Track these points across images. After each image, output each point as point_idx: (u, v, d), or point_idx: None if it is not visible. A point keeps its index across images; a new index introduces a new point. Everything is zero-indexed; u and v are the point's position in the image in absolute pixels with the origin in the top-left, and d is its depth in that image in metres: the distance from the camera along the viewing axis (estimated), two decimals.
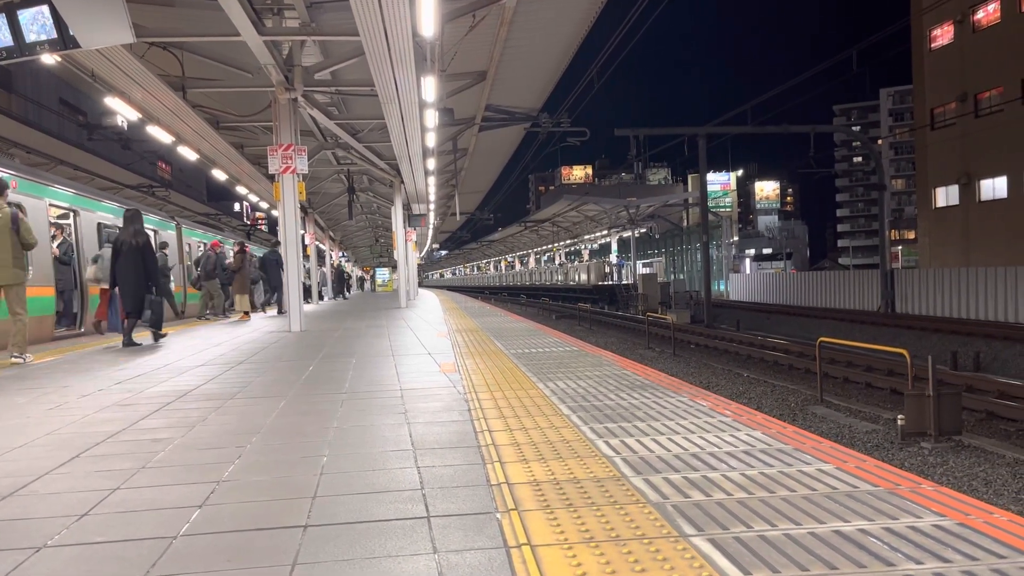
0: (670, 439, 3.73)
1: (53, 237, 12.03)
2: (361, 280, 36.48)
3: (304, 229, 23.39)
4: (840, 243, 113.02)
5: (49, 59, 9.87)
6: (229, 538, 2.51)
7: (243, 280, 16.89)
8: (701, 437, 3.76)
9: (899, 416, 8.32)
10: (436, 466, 3.35)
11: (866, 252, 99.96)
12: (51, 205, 11.96)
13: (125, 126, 21.38)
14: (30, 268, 10.18)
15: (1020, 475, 6.98)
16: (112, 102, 12.72)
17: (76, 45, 6.44)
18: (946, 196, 33.55)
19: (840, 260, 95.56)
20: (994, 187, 30.79)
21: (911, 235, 74.49)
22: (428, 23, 9.59)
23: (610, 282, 41.70)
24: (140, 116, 13.72)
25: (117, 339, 10.36)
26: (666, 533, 2.41)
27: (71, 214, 12.73)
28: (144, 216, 16.37)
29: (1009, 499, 6.38)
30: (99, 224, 13.53)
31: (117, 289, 10.24)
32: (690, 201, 45.98)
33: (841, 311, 26.66)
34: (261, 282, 19.61)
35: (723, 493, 2.83)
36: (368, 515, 2.70)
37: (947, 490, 2.84)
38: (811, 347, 13.80)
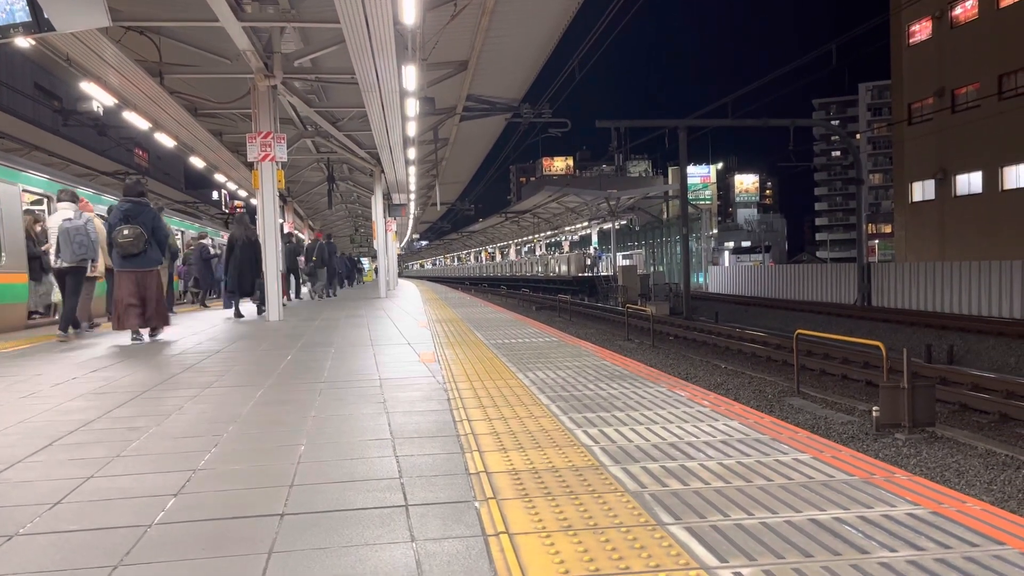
0: (648, 429, 3.74)
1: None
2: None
3: (283, 218, 23.22)
4: (818, 236, 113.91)
5: (23, 43, 9.72)
6: (205, 526, 2.49)
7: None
8: (679, 427, 3.78)
9: (874, 408, 8.41)
10: (415, 455, 3.34)
11: (843, 246, 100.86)
12: (24, 191, 11.79)
13: (101, 112, 21.09)
14: (3, 255, 10.24)
15: (992, 466, 7.09)
16: (88, 87, 12.55)
17: (51, 28, 6.33)
18: (922, 191, 33.88)
19: (818, 253, 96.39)
20: (969, 182, 31.13)
21: (888, 229, 75.28)
22: (409, 11, 9.54)
23: (590, 274, 41.78)
24: (116, 102, 13.55)
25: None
26: (644, 521, 2.42)
27: (45, 200, 12.56)
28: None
29: (981, 489, 6.48)
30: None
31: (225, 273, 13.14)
32: (670, 193, 46.11)
33: (818, 304, 26.90)
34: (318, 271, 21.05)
35: (700, 482, 2.84)
36: (346, 504, 2.69)
37: (921, 479, 2.87)
38: (788, 339, 13.91)
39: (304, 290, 22.61)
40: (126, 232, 8.43)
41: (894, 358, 9.20)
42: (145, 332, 8.90)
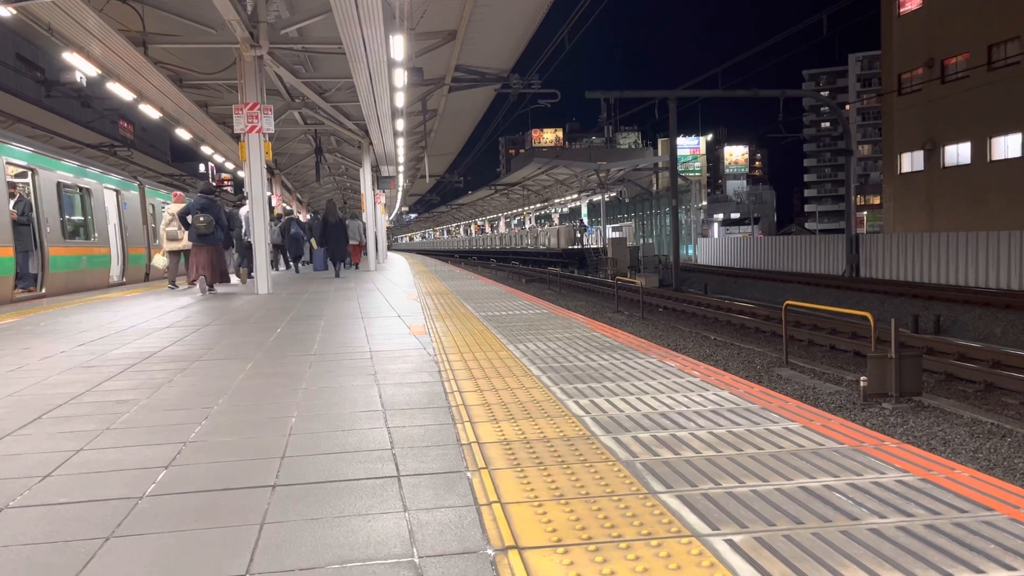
0: (639, 399, 3.75)
1: (11, 196, 11.74)
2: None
3: (271, 190, 23.04)
4: (807, 208, 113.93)
5: (3, 12, 9.54)
6: (196, 498, 2.48)
7: None
8: (670, 397, 3.79)
9: (862, 378, 8.47)
10: (406, 426, 3.34)
11: (832, 217, 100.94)
12: (8, 163, 11.64)
13: (84, 83, 20.79)
14: None
15: (977, 434, 7.16)
16: (71, 57, 12.33)
17: None
18: (911, 162, 33.91)
19: (807, 225, 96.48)
20: (958, 153, 31.16)
21: (876, 200, 75.40)
22: None
23: (579, 246, 41.78)
24: (100, 72, 13.33)
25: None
26: (635, 490, 2.43)
27: (29, 173, 12.41)
28: (109, 177, 16.10)
29: (967, 458, 6.55)
30: (58, 183, 13.21)
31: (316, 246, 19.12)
32: (660, 165, 46.01)
33: (807, 275, 27.00)
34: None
35: (691, 451, 2.86)
36: (338, 475, 2.69)
37: (910, 447, 2.89)
38: (777, 310, 13.97)
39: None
40: (201, 219, 11.70)
41: (882, 328, 9.26)
42: (212, 287, 12.23)
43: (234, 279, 15.26)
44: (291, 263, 21.25)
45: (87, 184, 14.68)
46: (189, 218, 11.96)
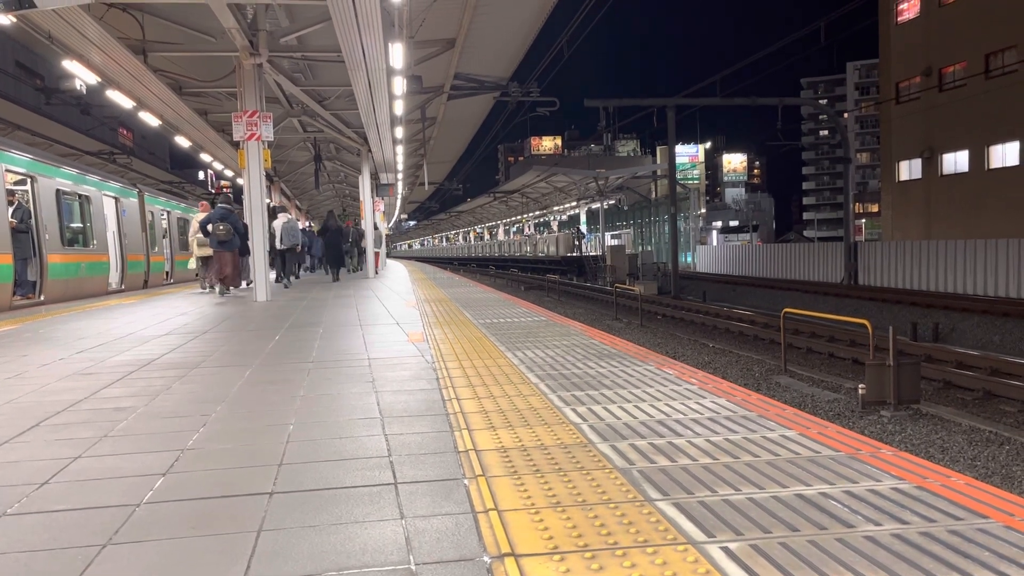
0: (636, 406, 3.76)
1: (10, 203, 11.74)
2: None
3: (269, 198, 23.08)
4: (805, 216, 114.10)
5: (3, 19, 9.57)
6: (193, 505, 2.49)
7: None
8: (667, 404, 3.79)
9: (860, 385, 8.47)
10: (404, 434, 3.35)
11: (831, 225, 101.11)
12: (7, 171, 11.65)
13: (84, 90, 20.83)
14: None
15: (975, 442, 7.17)
16: (70, 65, 12.35)
17: (32, 5, 6.25)
18: (909, 170, 33.94)
19: (805, 232, 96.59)
20: (956, 161, 31.20)
21: (875, 208, 75.49)
22: None
23: (578, 254, 41.80)
24: (99, 80, 13.35)
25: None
26: (632, 498, 2.44)
27: (28, 180, 12.42)
28: (108, 184, 16.12)
29: (965, 465, 6.55)
30: (57, 190, 13.22)
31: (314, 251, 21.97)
32: (658, 173, 46.05)
33: (805, 283, 27.02)
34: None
35: (688, 459, 2.86)
36: (335, 482, 2.70)
37: (906, 455, 2.89)
38: (776, 318, 13.98)
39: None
40: (221, 228, 12.89)
41: (880, 336, 9.26)
42: (230, 288, 13.53)
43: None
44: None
45: (86, 191, 14.70)
46: (210, 227, 13.05)
